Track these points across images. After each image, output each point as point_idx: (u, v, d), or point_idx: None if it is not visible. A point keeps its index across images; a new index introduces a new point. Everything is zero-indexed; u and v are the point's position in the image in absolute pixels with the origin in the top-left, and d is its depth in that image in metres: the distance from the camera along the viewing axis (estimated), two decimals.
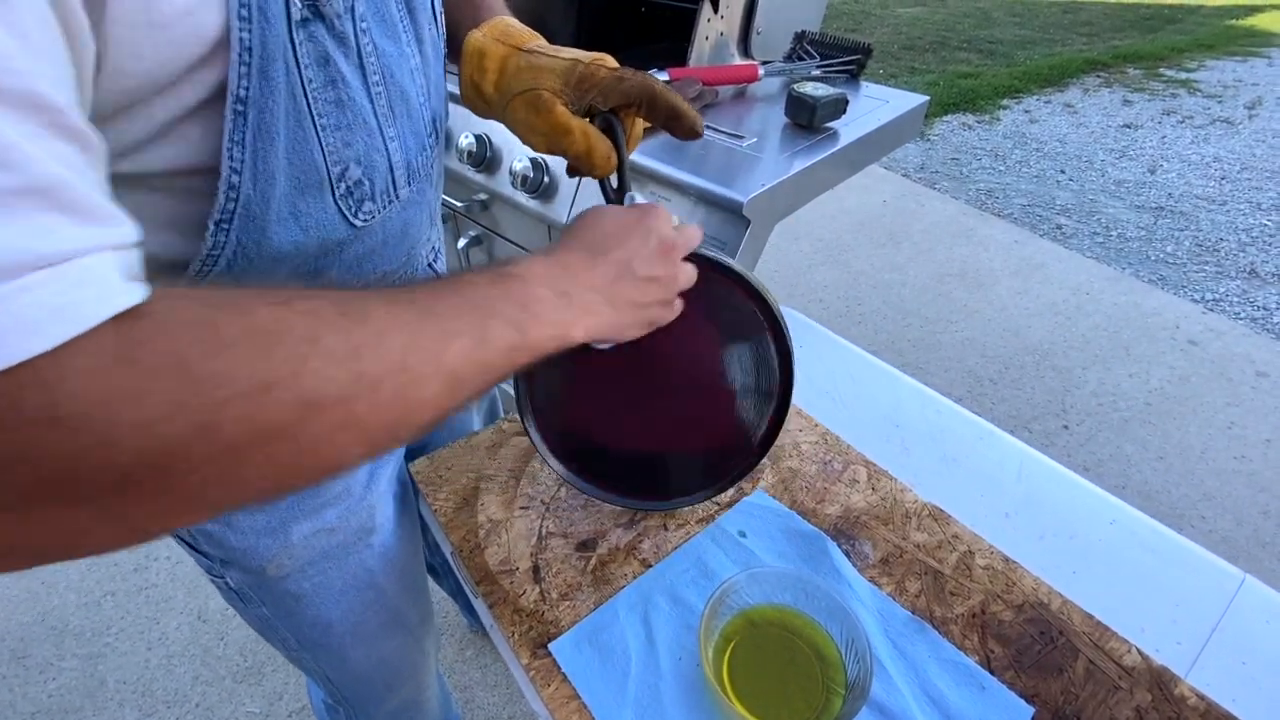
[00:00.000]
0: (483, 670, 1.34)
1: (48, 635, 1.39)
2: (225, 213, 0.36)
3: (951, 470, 0.66)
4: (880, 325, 2.32)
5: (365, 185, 0.43)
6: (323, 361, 0.26)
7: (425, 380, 0.30)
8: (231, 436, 0.24)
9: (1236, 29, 6.19)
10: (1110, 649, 0.51)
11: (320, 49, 0.36)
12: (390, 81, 0.43)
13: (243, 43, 0.31)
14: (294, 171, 0.38)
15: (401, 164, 0.46)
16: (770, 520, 0.60)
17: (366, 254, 0.47)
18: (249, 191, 0.36)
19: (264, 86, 0.33)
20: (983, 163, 3.51)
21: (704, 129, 0.49)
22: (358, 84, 0.40)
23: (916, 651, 0.50)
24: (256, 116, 0.34)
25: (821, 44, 1.12)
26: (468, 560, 0.58)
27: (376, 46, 0.41)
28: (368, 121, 0.41)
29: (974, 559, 0.57)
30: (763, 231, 0.83)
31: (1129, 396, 2.02)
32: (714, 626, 0.49)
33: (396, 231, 0.49)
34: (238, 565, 0.58)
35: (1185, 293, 2.48)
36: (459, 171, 1.10)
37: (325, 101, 0.38)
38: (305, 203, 0.39)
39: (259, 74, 0.33)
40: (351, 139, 0.40)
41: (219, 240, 0.36)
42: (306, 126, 0.37)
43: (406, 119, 0.46)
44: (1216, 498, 1.71)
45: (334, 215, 0.42)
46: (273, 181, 0.36)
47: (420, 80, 0.47)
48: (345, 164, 0.41)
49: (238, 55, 0.32)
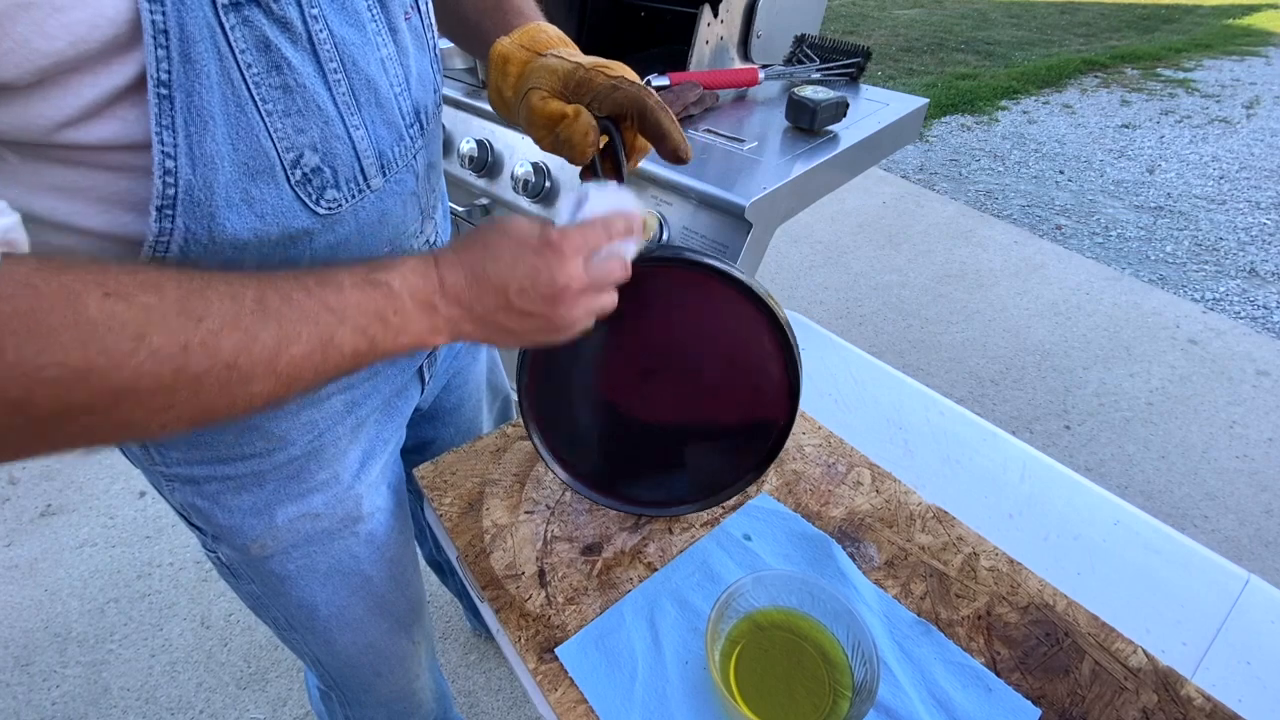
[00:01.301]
0: (486, 675, 1.34)
1: (51, 642, 1.39)
2: (165, 198, 0.36)
3: (955, 472, 0.66)
4: (881, 327, 2.32)
5: (325, 173, 0.42)
6: (145, 357, 0.29)
7: (254, 379, 0.33)
8: (44, 411, 0.27)
9: (1234, 28, 6.21)
10: (1116, 650, 0.51)
11: (258, 33, 0.36)
12: (353, 69, 0.42)
13: (155, 25, 0.31)
14: (239, 157, 0.37)
15: (371, 153, 0.45)
16: (775, 523, 0.60)
17: (340, 243, 0.47)
18: (189, 177, 0.36)
19: (188, 70, 0.33)
20: (982, 164, 3.52)
21: (691, 156, 0.49)
22: (310, 70, 0.39)
23: (922, 654, 0.50)
24: (185, 100, 0.34)
25: (821, 47, 1.12)
26: (473, 565, 0.58)
27: (334, 34, 0.40)
28: (324, 108, 0.41)
29: (979, 561, 0.57)
30: (764, 235, 0.83)
31: (1130, 396, 2.02)
32: (720, 630, 0.49)
33: (372, 221, 0.49)
34: (226, 541, 0.59)
35: (1185, 292, 2.49)
36: (460, 176, 1.10)
37: (270, 87, 0.37)
38: (258, 189, 0.39)
39: (180, 57, 0.33)
40: (304, 125, 0.40)
41: (164, 226, 0.37)
42: (250, 112, 0.37)
43: (375, 108, 0.45)
44: (1219, 497, 1.71)
45: (291, 202, 0.41)
46: (214, 167, 0.36)
47: (395, 70, 0.46)
48: (299, 150, 0.40)
49: (151, 38, 0.32)
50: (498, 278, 0.41)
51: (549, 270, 0.41)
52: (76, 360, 0.27)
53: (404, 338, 0.38)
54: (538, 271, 0.41)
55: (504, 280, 0.41)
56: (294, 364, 0.34)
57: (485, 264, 0.41)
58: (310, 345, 0.34)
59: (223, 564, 0.63)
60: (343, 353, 0.36)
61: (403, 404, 0.64)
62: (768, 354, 0.52)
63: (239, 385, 0.32)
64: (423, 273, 0.40)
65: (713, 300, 0.51)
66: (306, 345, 0.34)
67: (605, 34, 1.26)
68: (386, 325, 0.37)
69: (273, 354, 0.33)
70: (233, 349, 0.31)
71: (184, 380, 0.30)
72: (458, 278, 0.41)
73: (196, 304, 0.31)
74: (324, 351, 0.35)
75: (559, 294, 0.41)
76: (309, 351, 0.34)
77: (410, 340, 0.39)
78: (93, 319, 0.27)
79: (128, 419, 0.30)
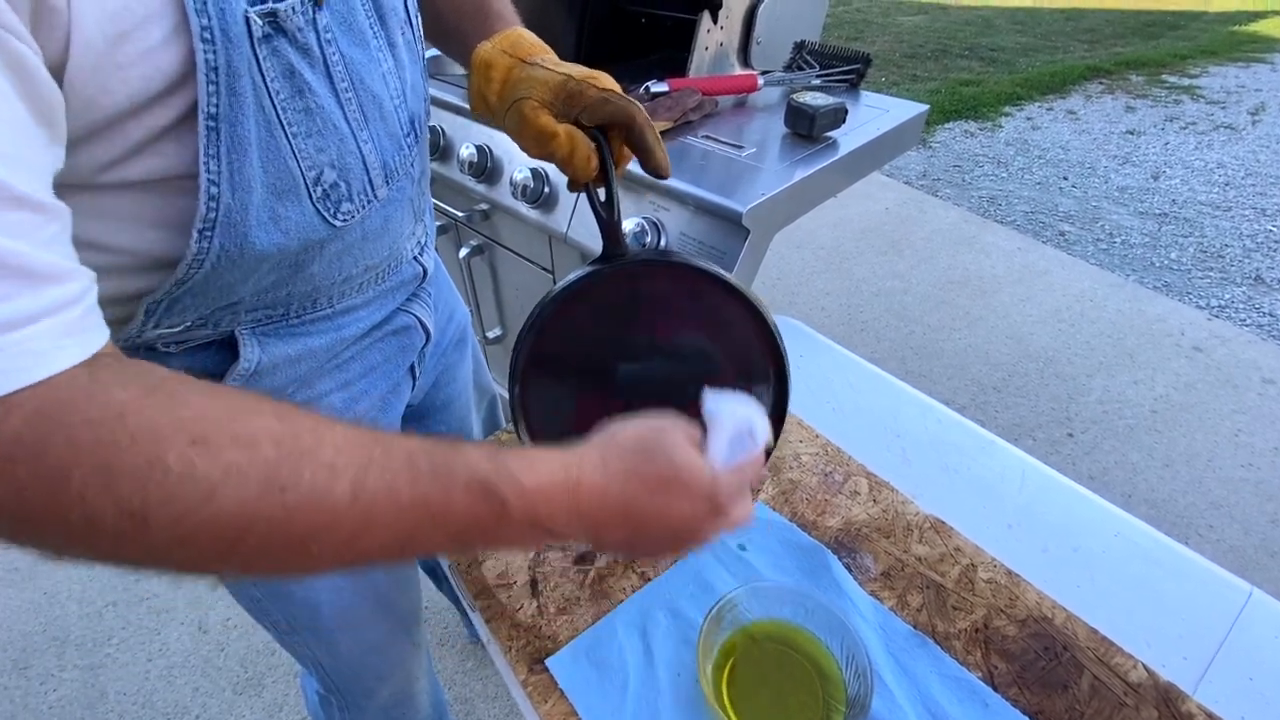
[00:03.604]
0: (483, 682, 1.33)
1: (49, 645, 1.39)
2: (207, 221, 0.37)
3: (953, 481, 0.66)
4: (882, 333, 2.32)
5: (341, 187, 0.44)
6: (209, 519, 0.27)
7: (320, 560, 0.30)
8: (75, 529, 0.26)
9: (1239, 35, 6.19)
10: (1116, 665, 0.50)
11: (285, 62, 0.38)
12: (361, 87, 0.44)
13: (208, 63, 0.33)
14: (269, 179, 0.39)
15: (378, 165, 0.47)
16: (770, 533, 0.60)
17: (346, 249, 0.49)
18: (228, 200, 0.37)
19: (233, 102, 0.35)
20: (985, 170, 3.51)
21: (670, 173, 0.52)
22: (325, 91, 0.41)
23: (919, 667, 0.50)
24: (229, 130, 0.36)
25: (821, 54, 1.12)
26: (465, 573, 0.57)
27: (344, 55, 0.42)
28: (339, 126, 0.43)
29: (976, 572, 0.56)
30: (762, 241, 0.83)
31: (1134, 404, 2.01)
32: (713, 642, 0.48)
33: (377, 228, 0.51)
34: None
35: (1190, 299, 2.47)
36: (460, 182, 1.10)
37: (294, 111, 0.39)
38: (284, 207, 0.41)
39: (227, 90, 0.35)
40: (324, 144, 0.42)
41: (203, 246, 0.38)
42: (278, 135, 0.39)
43: (380, 121, 0.47)
44: (1224, 506, 1.69)
45: (313, 217, 0.43)
46: (249, 190, 0.38)
47: (394, 83, 0.48)
48: (320, 168, 0.42)
49: (204, 75, 0.33)
50: (645, 520, 0.36)
51: (699, 535, 0.38)
52: (134, 504, 0.25)
53: (494, 549, 0.37)
54: (682, 534, 0.37)
55: (646, 525, 0.36)
56: (365, 554, 0.31)
57: (637, 503, 0.35)
58: (390, 539, 0.31)
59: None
60: (423, 550, 0.33)
61: (396, 401, 0.65)
62: (756, 351, 0.52)
63: (297, 562, 0.30)
64: (556, 500, 0.34)
65: (707, 304, 0.50)
66: (387, 538, 0.31)
67: (605, 40, 1.26)
68: (484, 536, 0.33)
69: (348, 543, 0.30)
70: (304, 534, 0.29)
71: (241, 548, 0.28)
72: (599, 512, 0.35)
73: (285, 473, 0.28)
74: (403, 549, 0.32)
75: (693, 544, 0.39)
76: (386, 545, 0.31)
77: (503, 552, 0.37)
78: (167, 467, 0.26)
79: (165, 559, 0.28)
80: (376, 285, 0.56)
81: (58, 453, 0.25)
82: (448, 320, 0.74)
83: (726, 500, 0.37)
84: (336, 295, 0.52)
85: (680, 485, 0.36)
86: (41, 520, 0.25)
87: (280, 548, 0.29)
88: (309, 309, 0.51)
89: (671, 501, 0.36)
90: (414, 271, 0.60)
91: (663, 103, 0.97)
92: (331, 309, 0.53)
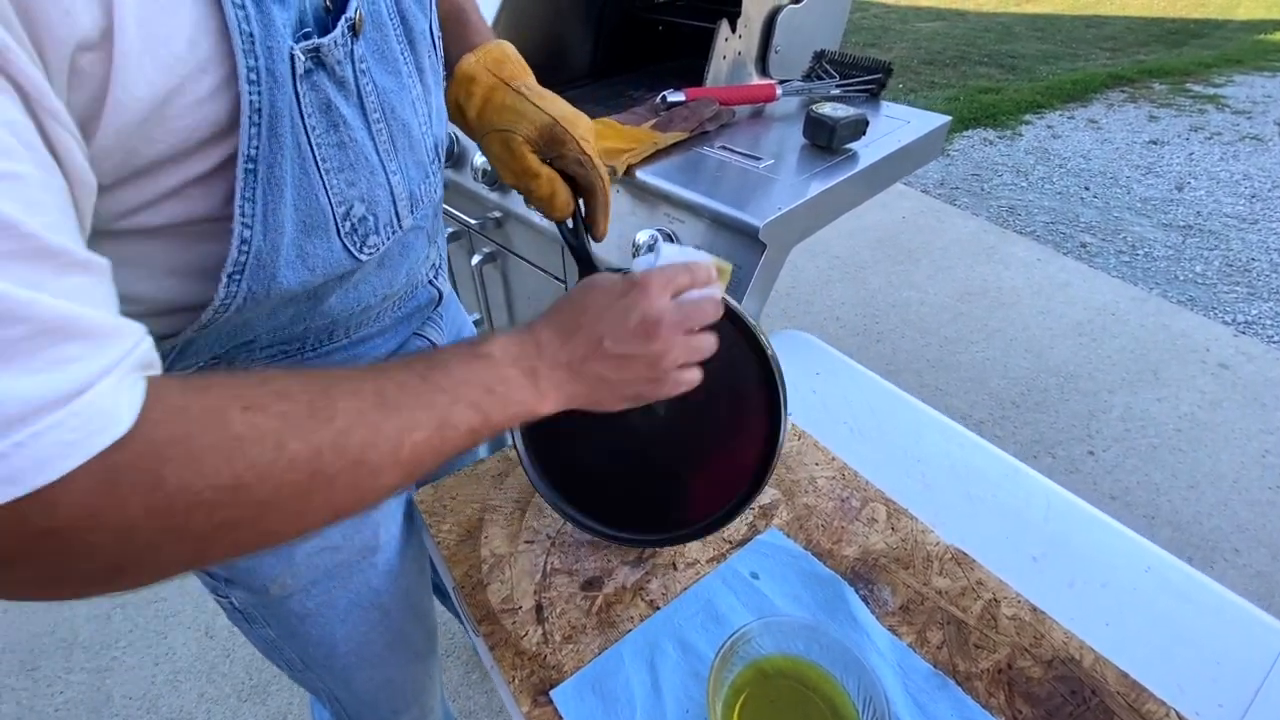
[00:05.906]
0: (488, 695, 1.32)
1: (57, 647, 1.39)
2: (237, 265, 0.36)
3: (975, 509, 0.63)
4: (898, 345, 2.28)
5: (369, 220, 0.43)
6: (285, 465, 0.29)
7: (382, 471, 0.33)
8: (198, 530, 0.27)
9: (1265, 43, 6.08)
10: (1147, 711, 0.47)
11: (322, 97, 0.37)
12: (391, 116, 0.43)
13: (252, 105, 0.32)
14: (299, 217, 0.38)
15: (404, 194, 0.46)
16: (784, 561, 0.58)
17: (364, 278, 0.48)
18: (259, 243, 0.36)
19: (272, 143, 0.34)
20: (1004, 179, 3.46)
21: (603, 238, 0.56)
22: (359, 124, 0.40)
23: (938, 709, 0.47)
24: (266, 171, 0.34)
25: (841, 63, 1.10)
26: (469, 597, 0.56)
27: (376, 85, 0.41)
28: (369, 158, 0.42)
29: (1000, 608, 0.54)
30: (779, 256, 0.81)
31: (1158, 422, 1.96)
32: (724, 678, 0.46)
33: (395, 255, 0.50)
34: (242, 584, 0.58)
35: (1216, 314, 2.41)
36: (473, 190, 1.09)
37: (329, 145, 0.38)
38: (311, 244, 0.40)
39: (268, 132, 0.34)
40: (355, 178, 0.41)
41: (231, 290, 0.37)
42: (311, 172, 0.38)
43: (409, 150, 0.46)
44: (1250, 529, 1.64)
45: (340, 253, 0.42)
46: (281, 231, 0.37)
47: (422, 109, 0.47)
48: (350, 203, 0.41)
49: (248, 118, 0.32)
50: (589, 327, 0.41)
51: (637, 307, 0.40)
52: (226, 478, 0.27)
53: (513, 407, 0.38)
54: (627, 311, 0.40)
55: (596, 328, 0.40)
56: (416, 451, 0.34)
57: (576, 317, 0.41)
58: (429, 430, 0.34)
59: (236, 609, 0.61)
60: (459, 430, 0.36)
61: None
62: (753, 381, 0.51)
63: (368, 480, 0.32)
64: (519, 339, 0.40)
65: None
66: (425, 430, 0.34)
67: (622, 47, 1.25)
68: (494, 396, 0.37)
69: (396, 444, 0.33)
70: (360, 445, 0.31)
71: (319, 483, 0.30)
72: (551, 336, 0.41)
73: (324, 405, 0.31)
74: (441, 433, 0.35)
75: (651, 328, 0.41)
76: (428, 436, 0.34)
77: (519, 409, 0.39)
78: (238, 434, 0.28)
79: (270, 528, 0.30)
80: (393, 313, 0.55)
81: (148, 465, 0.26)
82: (455, 338, 0.73)
83: (645, 281, 0.41)
84: (354, 326, 0.51)
85: (596, 288, 0.42)
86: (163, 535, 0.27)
87: (346, 477, 0.31)
88: (325, 342, 0.50)
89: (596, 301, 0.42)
90: (429, 296, 0.60)
91: (679, 113, 0.96)
92: (348, 339, 0.52)
